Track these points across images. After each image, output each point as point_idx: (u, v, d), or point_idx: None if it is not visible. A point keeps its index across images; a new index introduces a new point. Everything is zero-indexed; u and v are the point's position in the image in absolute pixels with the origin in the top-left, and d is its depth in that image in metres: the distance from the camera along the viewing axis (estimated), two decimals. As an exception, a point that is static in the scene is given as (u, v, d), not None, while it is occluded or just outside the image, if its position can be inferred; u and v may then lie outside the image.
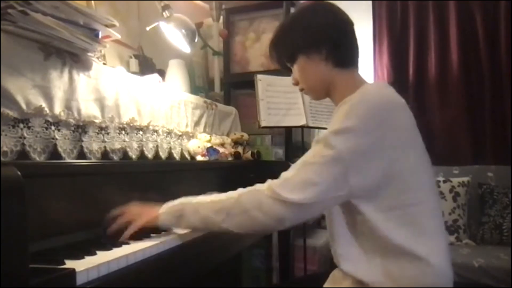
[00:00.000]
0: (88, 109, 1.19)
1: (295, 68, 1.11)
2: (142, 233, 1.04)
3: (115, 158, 1.29)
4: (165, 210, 1.03)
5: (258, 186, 0.95)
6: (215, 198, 0.98)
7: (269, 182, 0.93)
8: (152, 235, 1.07)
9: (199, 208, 0.98)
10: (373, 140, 0.90)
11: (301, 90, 1.14)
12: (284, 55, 1.12)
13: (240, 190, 0.97)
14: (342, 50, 1.06)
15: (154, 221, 1.03)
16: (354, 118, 0.91)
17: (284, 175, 0.92)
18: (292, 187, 0.89)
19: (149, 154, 1.48)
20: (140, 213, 1.04)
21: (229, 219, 0.94)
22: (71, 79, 1.13)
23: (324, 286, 1.08)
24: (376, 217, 0.93)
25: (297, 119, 2.16)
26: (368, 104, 0.93)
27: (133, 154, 1.39)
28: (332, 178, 0.88)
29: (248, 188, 0.96)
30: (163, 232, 1.11)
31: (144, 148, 1.45)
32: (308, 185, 0.88)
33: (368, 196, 0.92)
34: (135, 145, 1.40)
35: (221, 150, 1.82)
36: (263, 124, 2.08)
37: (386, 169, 0.91)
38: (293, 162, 2.42)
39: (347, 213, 0.99)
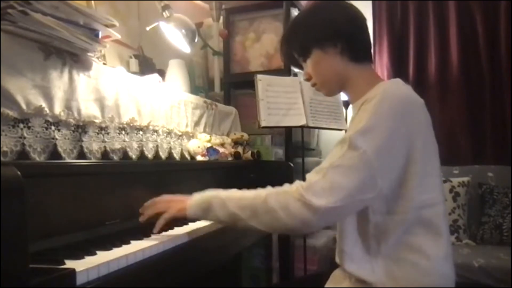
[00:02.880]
0: (88, 109, 1.19)
1: (308, 63, 1.09)
2: (172, 223, 1.11)
3: (115, 158, 1.29)
4: (193, 202, 1.04)
5: (286, 187, 0.93)
6: (243, 195, 0.98)
7: (297, 184, 0.91)
8: (151, 235, 1.07)
9: (227, 203, 0.98)
10: (398, 138, 0.89)
11: (313, 85, 1.12)
12: (297, 49, 1.10)
13: (269, 189, 0.96)
14: (357, 44, 1.06)
15: (183, 213, 1.05)
16: (378, 116, 0.90)
17: (311, 178, 0.90)
18: (319, 191, 0.87)
19: (149, 154, 1.48)
20: (169, 203, 1.08)
21: (255, 218, 0.93)
22: (71, 79, 1.13)
23: (325, 286, 1.08)
24: (390, 218, 0.93)
25: (297, 119, 2.16)
26: (391, 101, 0.92)
27: (133, 154, 1.38)
28: (360, 181, 0.87)
29: (276, 188, 0.95)
30: (163, 233, 1.11)
31: (144, 148, 1.45)
32: (335, 189, 0.86)
33: (386, 196, 0.92)
34: (135, 145, 1.40)
35: (221, 150, 1.82)
36: (263, 124, 2.08)
37: (408, 167, 0.91)
38: (293, 162, 2.40)
39: (360, 213, 0.98)
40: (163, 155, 1.56)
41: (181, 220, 1.23)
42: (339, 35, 1.04)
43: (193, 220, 1.12)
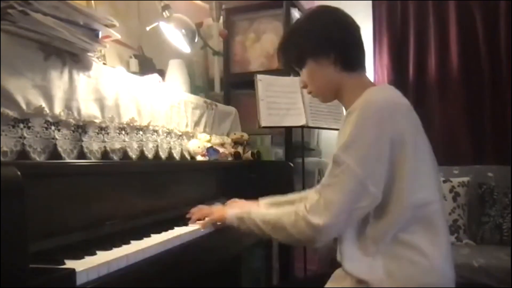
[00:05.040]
0: (88, 109, 1.19)
1: (304, 72, 1.12)
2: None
3: (115, 158, 1.29)
4: (231, 212, 1.20)
5: (297, 206, 1.00)
6: (267, 212, 1.12)
7: (304, 204, 0.97)
8: (152, 235, 1.07)
9: (254, 217, 1.10)
10: (381, 144, 0.92)
11: (309, 93, 1.15)
12: (292, 59, 1.14)
13: (285, 208, 1.05)
14: (350, 54, 1.08)
15: (223, 220, 1.21)
16: (359, 128, 0.93)
17: (312, 198, 0.97)
18: (317, 211, 0.93)
19: (149, 154, 1.48)
20: (212, 210, 1.29)
21: (274, 232, 1.05)
22: (71, 79, 1.13)
23: (326, 285, 1.09)
24: (385, 219, 0.94)
25: (297, 119, 2.16)
26: (370, 110, 0.94)
27: (133, 154, 1.38)
28: (349, 193, 0.92)
29: (292, 206, 1.03)
30: (163, 233, 1.11)
31: (144, 148, 1.45)
32: (328, 206, 0.93)
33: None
34: (135, 145, 1.40)
35: (221, 150, 1.82)
36: (263, 124, 2.08)
37: (396, 169, 0.93)
38: (293, 162, 2.40)
39: None
40: (163, 155, 1.56)
41: (180, 220, 1.23)
42: (332, 46, 1.06)
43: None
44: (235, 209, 1.21)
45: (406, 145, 0.93)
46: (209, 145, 1.78)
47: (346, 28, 1.08)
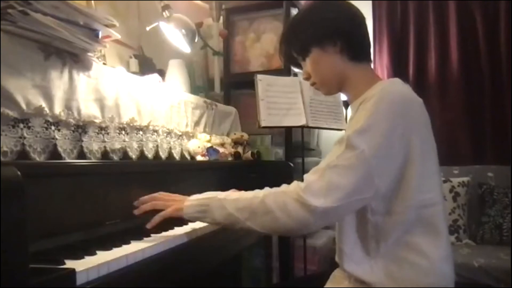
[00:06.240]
0: (88, 109, 1.19)
1: (308, 62, 1.09)
2: (167, 224, 1.08)
3: (115, 158, 1.29)
4: (190, 203, 1.02)
5: (284, 187, 0.93)
6: (240, 196, 0.97)
7: (295, 184, 0.90)
8: (152, 235, 1.07)
9: (224, 204, 0.96)
10: (395, 138, 0.89)
11: (312, 84, 1.11)
12: (296, 48, 1.10)
13: (266, 190, 0.95)
14: (357, 44, 1.05)
15: (179, 213, 1.03)
16: (376, 116, 0.89)
17: (309, 178, 0.90)
18: (316, 191, 0.86)
19: (149, 154, 1.48)
20: (167, 202, 1.07)
21: (253, 218, 0.92)
22: (71, 79, 1.13)
23: (325, 286, 1.08)
24: (389, 218, 0.93)
25: (297, 119, 2.16)
26: (389, 101, 0.91)
27: (133, 154, 1.38)
28: (357, 181, 0.87)
29: (274, 189, 0.94)
30: (163, 232, 1.11)
31: (144, 148, 1.45)
32: (332, 189, 0.86)
33: (385, 196, 0.92)
34: (135, 145, 1.40)
35: (221, 150, 1.82)
36: (263, 124, 2.08)
37: (406, 167, 0.91)
38: (293, 162, 2.40)
39: (359, 213, 0.97)
40: (163, 155, 1.56)
41: (180, 220, 1.23)
42: (339, 33, 1.03)
43: (191, 221, 1.12)
44: (194, 198, 1.03)
45: (418, 143, 0.91)
46: (209, 145, 1.78)
47: (353, 18, 1.06)
